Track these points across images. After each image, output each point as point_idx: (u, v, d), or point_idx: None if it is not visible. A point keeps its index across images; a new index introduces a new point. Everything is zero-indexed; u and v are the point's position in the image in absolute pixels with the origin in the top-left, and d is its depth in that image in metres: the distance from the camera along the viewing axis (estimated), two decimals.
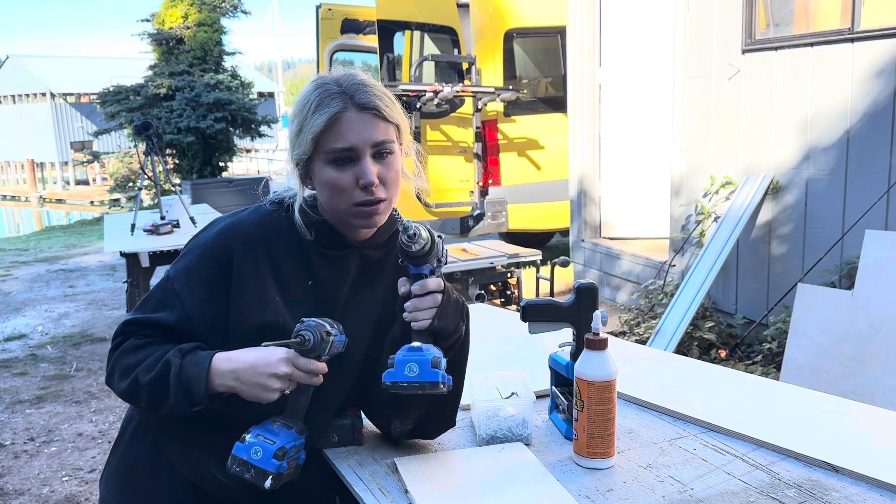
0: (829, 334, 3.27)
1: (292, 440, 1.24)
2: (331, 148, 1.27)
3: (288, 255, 1.33)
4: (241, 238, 1.31)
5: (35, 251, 10.22)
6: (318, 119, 1.26)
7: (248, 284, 1.30)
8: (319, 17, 7.03)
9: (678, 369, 1.73)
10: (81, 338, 5.43)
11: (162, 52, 13.91)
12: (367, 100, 1.27)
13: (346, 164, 1.27)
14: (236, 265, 1.30)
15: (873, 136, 3.51)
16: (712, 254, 4.14)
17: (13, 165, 32.45)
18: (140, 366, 1.28)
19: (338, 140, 1.26)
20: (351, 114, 1.26)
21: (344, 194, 1.28)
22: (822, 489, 1.15)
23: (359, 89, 1.28)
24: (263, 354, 1.24)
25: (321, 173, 1.29)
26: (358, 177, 1.27)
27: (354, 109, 1.26)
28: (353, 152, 1.27)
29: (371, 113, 1.27)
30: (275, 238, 1.33)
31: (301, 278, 1.35)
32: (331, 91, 1.28)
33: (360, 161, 1.27)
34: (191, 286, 1.30)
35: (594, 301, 1.35)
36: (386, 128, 1.29)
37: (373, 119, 1.28)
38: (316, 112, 1.26)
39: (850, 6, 3.58)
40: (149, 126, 4.71)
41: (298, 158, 1.31)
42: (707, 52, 4.43)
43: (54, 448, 3.58)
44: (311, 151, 1.28)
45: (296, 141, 1.30)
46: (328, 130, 1.26)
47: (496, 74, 6.54)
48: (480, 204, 6.48)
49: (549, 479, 1.21)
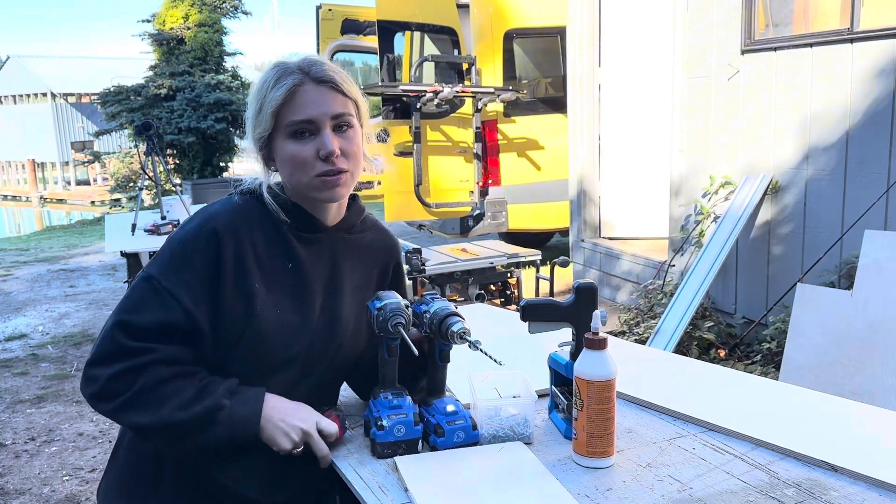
0: (828, 334, 3.27)
1: (410, 402, 1.35)
2: (290, 121, 1.28)
3: (266, 241, 1.33)
4: (222, 227, 1.30)
5: (36, 251, 10.23)
6: (276, 93, 1.28)
7: (232, 273, 1.28)
8: (319, 17, 7.03)
9: (677, 369, 1.73)
10: (82, 337, 5.43)
11: (163, 53, 13.93)
12: (324, 73, 1.30)
13: (306, 137, 1.29)
14: (223, 254, 1.28)
15: (873, 137, 3.51)
16: (712, 254, 4.15)
17: (14, 165, 32.46)
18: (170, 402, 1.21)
19: (297, 112, 1.28)
20: (308, 86, 1.29)
21: (305, 166, 1.30)
22: (821, 489, 1.15)
23: (314, 65, 1.31)
24: (300, 409, 1.31)
25: (282, 148, 1.31)
26: (318, 148, 1.29)
27: (312, 83, 1.29)
28: (313, 124, 1.29)
29: (328, 86, 1.30)
30: (251, 223, 1.33)
31: (281, 262, 1.35)
32: (288, 68, 1.30)
33: (320, 133, 1.29)
34: (184, 282, 1.26)
35: (594, 301, 1.35)
36: (344, 101, 1.32)
37: (330, 91, 1.30)
38: (274, 88, 1.29)
39: (849, 6, 3.58)
40: (149, 126, 4.71)
41: (260, 137, 1.32)
42: (707, 53, 4.43)
43: (55, 448, 3.59)
44: (271, 127, 1.30)
45: (256, 120, 1.32)
46: (287, 104, 1.28)
47: (496, 75, 6.54)
48: (480, 204, 6.48)
49: (549, 479, 1.21)
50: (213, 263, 1.27)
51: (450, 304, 1.36)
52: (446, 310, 1.33)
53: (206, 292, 1.27)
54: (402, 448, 1.31)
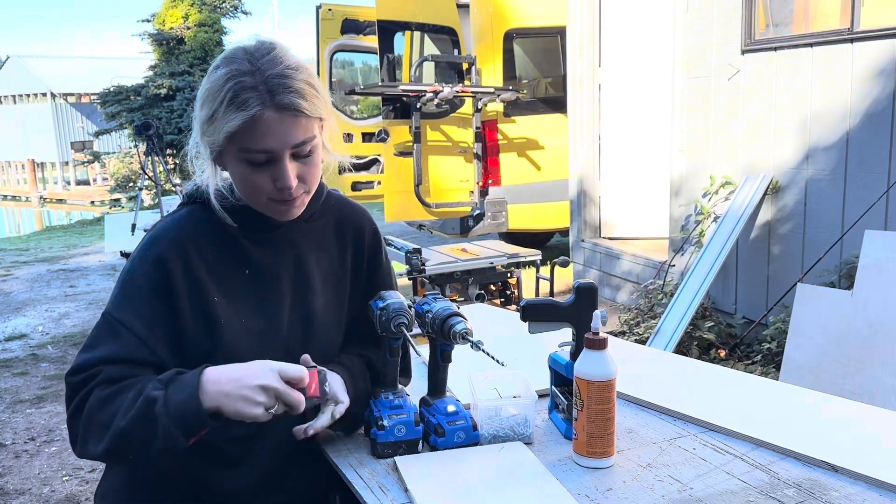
0: (828, 334, 3.27)
1: (411, 403, 1.36)
2: (245, 147, 1.17)
3: (217, 250, 1.26)
4: (167, 244, 1.23)
5: (35, 251, 10.22)
6: (233, 120, 1.14)
7: (186, 293, 1.23)
8: (319, 17, 7.03)
9: (678, 369, 1.73)
10: (82, 338, 5.43)
11: (162, 53, 13.94)
12: (289, 100, 1.15)
13: (262, 166, 1.19)
14: (172, 276, 1.21)
15: (873, 137, 3.51)
16: (712, 254, 4.15)
17: (14, 165, 32.45)
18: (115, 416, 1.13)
19: (253, 141, 1.16)
20: (270, 114, 1.14)
21: (259, 191, 1.22)
22: (821, 489, 1.15)
23: (279, 85, 1.15)
24: (251, 367, 1.17)
25: (235, 167, 1.21)
26: (275, 178, 1.19)
27: (273, 110, 1.14)
28: (271, 154, 1.18)
29: (291, 114, 1.16)
30: (199, 236, 1.26)
31: (236, 270, 1.29)
32: (245, 85, 1.14)
33: (277, 163, 1.18)
34: (133, 309, 1.20)
35: (594, 301, 1.35)
36: (308, 125, 1.19)
37: (294, 119, 1.16)
38: (230, 107, 1.14)
39: (849, 6, 3.58)
40: (149, 126, 4.72)
41: (210, 145, 1.21)
42: (707, 53, 4.43)
43: (55, 448, 3.59)
44: (224, 145, 1.19)
45: (207, 127, 1.19)
46: (244, 130, 1.15)
47: (496, 75, 6.54)
48: (480, 204, 6.48)
49: (549, 479, 1.21)
50: (163, 287, 1.21)
51: (452, 304, 1.36)
52: (448, 310, 1.32)
53: (161, 317, 1.21)
54: (402, 448, 1.31)
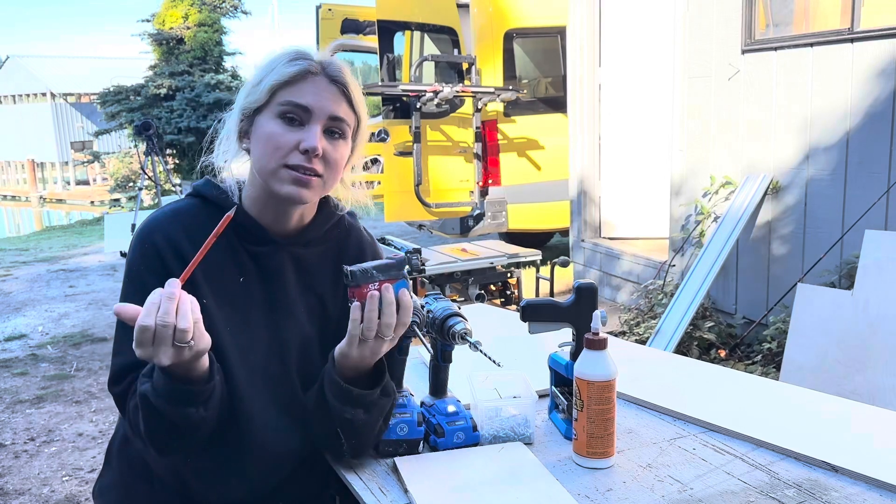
0: (828, 334, 3.27)
1: (414, 403, 1.36)
2: (286, 100, 1.20)
3: (215, 251, 1.19)
4: (160, 235, 1.22)
5: (35, 251, 10.22)
6: (286, 69, 1.20)
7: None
8: (319, 17, 7.03)
9: (678, 369, 1.73)
10: (82, 338, 5.43)
11: (162, 53, 13.94)
12: (340, 75, 1.23)
13: (294, 124, 1.20)
14: (169, 270, 1.18)
15: (873, 136, 3.51)
16: (712, 254, 4.14)
17: (13, 165, 32.47)
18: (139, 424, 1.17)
19: (296, 95, 1.20)
20: (320, 78, 1.22)
21: (279, 152, 1.19)
22: (821, 489, 1.15)
23: (332, 64, 1.25)
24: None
25: (264, 125, 1.21)
26: (302, 139, 1.19)
27: (325, 77, 1.23)
28: (307, 114, 1.20)
29: (339, 87, 1.23)
30: (194, 231, 1.22)
31: (232, 276, 1.25)
32: (306, 54, 1.24)
33: (309, 125, 1.20)
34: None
35: (594, 301, 1.35)
36: (347, 111, 1.24)
37: (338, 94, 1.23)
38: (286, 64, 1.21)
39: (849, 6, 3.58)
40: (149, 126, 4.72)
41: (247, 107, 1.24)
42: (707, 53, 4.43)
43: (54, 448, 3.59)
44: (263, 101, 1.21)
45: (250, 90, 1.24)
46: (291, 83, 1.20)
47: (496, 74, 6.54)
48: (480, 204, 6.48)
49: (549, 479, 1.21)
50: (162, 279, 1.12)
51: (452, 304, 1.36)
52: (448, 310, 1.32)
53: None
54: (403, 447, 1.31)
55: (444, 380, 1.40)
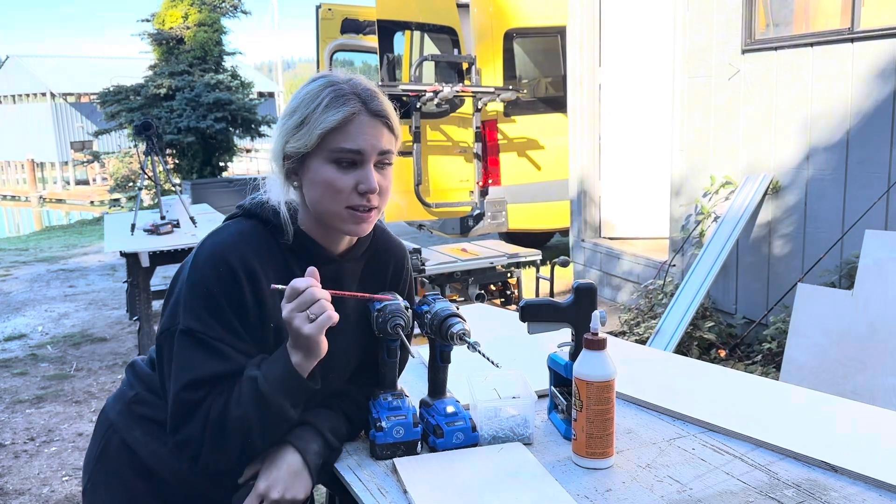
0: (828, 334, 3.27)
1: (409, 404, 1.36)
2: (338, 147, 1.25)
3: (276, 275, 1.28)
4: (238, 264, 1.25)
5: (35, 251, 10.22)
6: (332, 116, 1.24)
7: (255, 311, 1.26)
8: (319, 17, 7.03)
9: (678, 369, 1.73)
10: (81, 338, 5.43)
11: (162, 52, 13.91)
12: (380, 108, 1.28)
13: (348, 167, 1.26)
14: (244, 293, 1.25)
15: (873, 136, 3.51)
16: (712, 254, 4.14)
17: (13, 165, 32.46)
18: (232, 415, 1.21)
19: (347, 140, 1.24)
20: (364, 118, 1.26)
21: (340, 196, 1.26)
22: (820, 489, 1.15)
23: (371, 96, 1.28)
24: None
25: (319, 171, 1.26)
26: (359, 181, 1.26)
27: (367, 114, 1.26)
28: (361, 156, 1.26)
29: (382, 121, 1.28)
30: (263, 257, 1.28)
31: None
32: (344, 91, 1.26)
33: (363, 166, 1.26)
34: (225, 325, 1.24)
35: (593, 301, 1.35)
36: (390, 138, 1.30)
37: (381, 127, 1.28)
38: (328, 109, 1.24)
39: (850, 6, 3.58)
40: (149, 126, 4.70)
41: (294, 152, 1.27)
42: (707, 52, 4.43)
43: (54, 448, 3.59)
44: (313, 147, 1.25)
45: (295, 133, 1.26)
46: (339, 129, 1.24)
47: (496, 74, 6.54)
48: (480, 204, 6.48)
49: (548, 479, 1.21)
50: (237, 301, 1.24)
51: (451, 304, 1.36)
52: (447, 311, 1.32)
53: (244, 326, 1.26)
54: (401, 449, 1.31)
55: (443, 380, 1.40)
